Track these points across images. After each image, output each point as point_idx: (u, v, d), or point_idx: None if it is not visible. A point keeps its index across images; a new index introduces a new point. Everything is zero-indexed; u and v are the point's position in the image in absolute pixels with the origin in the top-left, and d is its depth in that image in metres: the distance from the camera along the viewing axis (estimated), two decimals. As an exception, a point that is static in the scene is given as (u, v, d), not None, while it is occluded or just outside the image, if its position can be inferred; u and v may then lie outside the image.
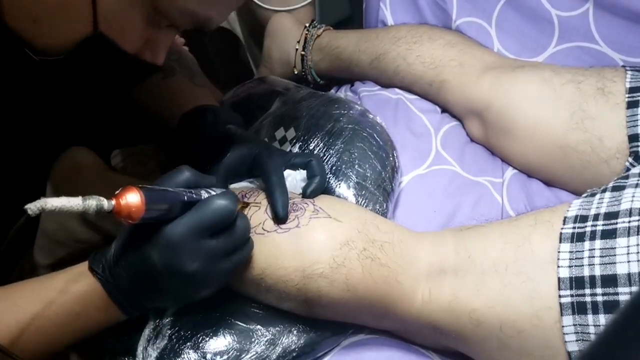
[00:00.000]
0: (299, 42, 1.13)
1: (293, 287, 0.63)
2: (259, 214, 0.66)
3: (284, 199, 0.66)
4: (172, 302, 0.65)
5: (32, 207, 0.47)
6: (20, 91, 0.69)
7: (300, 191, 0.71)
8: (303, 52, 1.12)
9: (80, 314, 0.61)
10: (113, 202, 0.52)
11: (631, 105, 0.77)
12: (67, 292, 0.60)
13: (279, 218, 0.65)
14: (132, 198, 0.53)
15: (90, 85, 0.69)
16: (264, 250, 0.64)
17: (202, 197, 0.60)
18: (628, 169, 0.76)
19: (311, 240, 0.63)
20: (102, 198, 0.50)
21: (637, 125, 0.76)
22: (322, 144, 0.80)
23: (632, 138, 0.76)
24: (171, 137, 0.81)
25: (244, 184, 0.74)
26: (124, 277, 0.60)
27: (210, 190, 0.62)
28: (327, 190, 0.76)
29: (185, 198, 0.58)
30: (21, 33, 0.57)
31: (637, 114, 0.77)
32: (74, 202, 0.48)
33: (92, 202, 0.49)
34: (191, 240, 0.57)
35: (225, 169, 0.72)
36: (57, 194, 0.48)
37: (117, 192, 0.53)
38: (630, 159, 0.76)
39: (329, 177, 0.77)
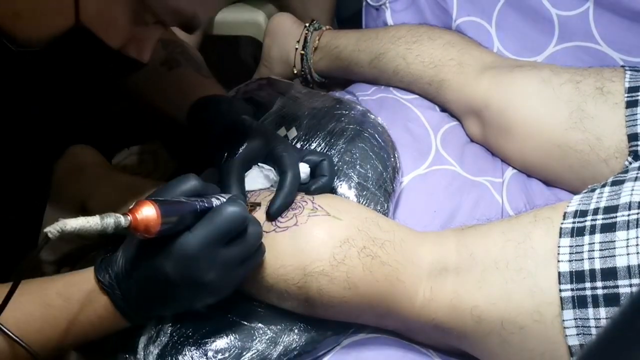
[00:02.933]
0: (298, 41, 1.14)
1: (294, 286, 0.63)
2: (258, 214, 0.66)
3: (286, 202, 0.66)
4: (181, 310, 0.64)
5: (52, 230, 0.47)
6: (4, 85, 0.68)
7: (261, 186, 0.71)
8: (303, 52, 1.13)
9: (83, 322, 0.60)
10: (130, 217, 0.51)
11: (630, 104, 0.78)
12: (69, 298, 0.60)
13: (269, 215, 0.65)
14: (148, 212, 0.52)
15: (73, 78, 0.68)
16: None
17: (214, 205, 0.59)
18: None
19: (311, 238, 0.63)
20: (119, 215, 0.50)
21: (636, 125, 0.76)
22: (323, 144, 0.80)
23: (631, 137, 0.76)
24: (178, 130, 0.80)
25: (254, 172, 0.73)
26: (133, 289, 0.59)
27: (219, 197, 0.61)
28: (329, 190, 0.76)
29: (198, 208, 0.57)
30: (1, 25, 0.56)
31: (636, 114, 0.77)
32: (92, 222, 0.49)
33: (110, 220, 0.49)
34: (207, 251, 0.57)
35: (241, 160, 0.70)
36: (60, 193, 0.48)
37: (132, 206, 0.52)
38: (629, 158, 0.76)
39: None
